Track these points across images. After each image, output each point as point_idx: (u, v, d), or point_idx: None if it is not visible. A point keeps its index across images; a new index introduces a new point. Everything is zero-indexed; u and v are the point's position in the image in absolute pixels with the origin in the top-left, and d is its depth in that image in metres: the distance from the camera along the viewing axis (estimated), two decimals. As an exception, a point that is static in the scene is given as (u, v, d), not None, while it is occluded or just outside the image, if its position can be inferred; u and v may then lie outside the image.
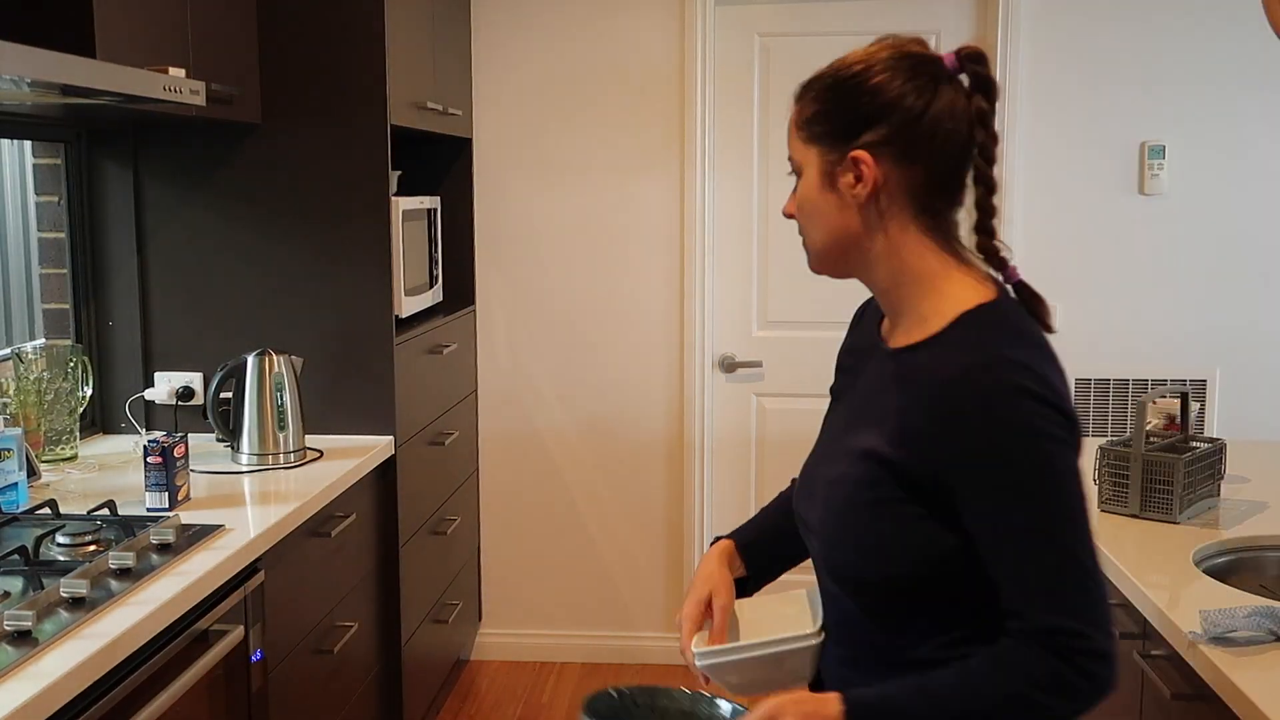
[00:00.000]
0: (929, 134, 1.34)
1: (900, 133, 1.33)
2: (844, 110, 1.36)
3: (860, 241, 1.39)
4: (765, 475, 4.05)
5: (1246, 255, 3.77)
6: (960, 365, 1.29)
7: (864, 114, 1.34)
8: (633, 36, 3.81)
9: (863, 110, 1.35)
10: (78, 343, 2.98)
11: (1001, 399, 1.27)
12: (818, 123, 1.38)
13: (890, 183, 1.35)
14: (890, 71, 1.36)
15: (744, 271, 3.97)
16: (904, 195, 1.36)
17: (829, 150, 1.37)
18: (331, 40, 2.91)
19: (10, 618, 1.65)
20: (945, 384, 1.30)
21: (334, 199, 2.96)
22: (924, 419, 1.31)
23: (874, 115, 1.34)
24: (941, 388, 1.30)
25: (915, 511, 1.32)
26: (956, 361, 1.30)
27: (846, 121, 1.35)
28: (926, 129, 1.34)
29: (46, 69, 1.87)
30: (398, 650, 3.12)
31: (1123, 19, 3.70)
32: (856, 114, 1.35)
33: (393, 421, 3.02)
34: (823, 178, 1.38)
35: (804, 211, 1.42)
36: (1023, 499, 1.28)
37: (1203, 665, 1.69)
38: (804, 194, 1.40)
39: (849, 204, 1.37)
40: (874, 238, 1.38)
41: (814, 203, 1.40)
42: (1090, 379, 3.85)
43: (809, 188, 1.40)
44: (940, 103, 1.34)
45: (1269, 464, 2.76)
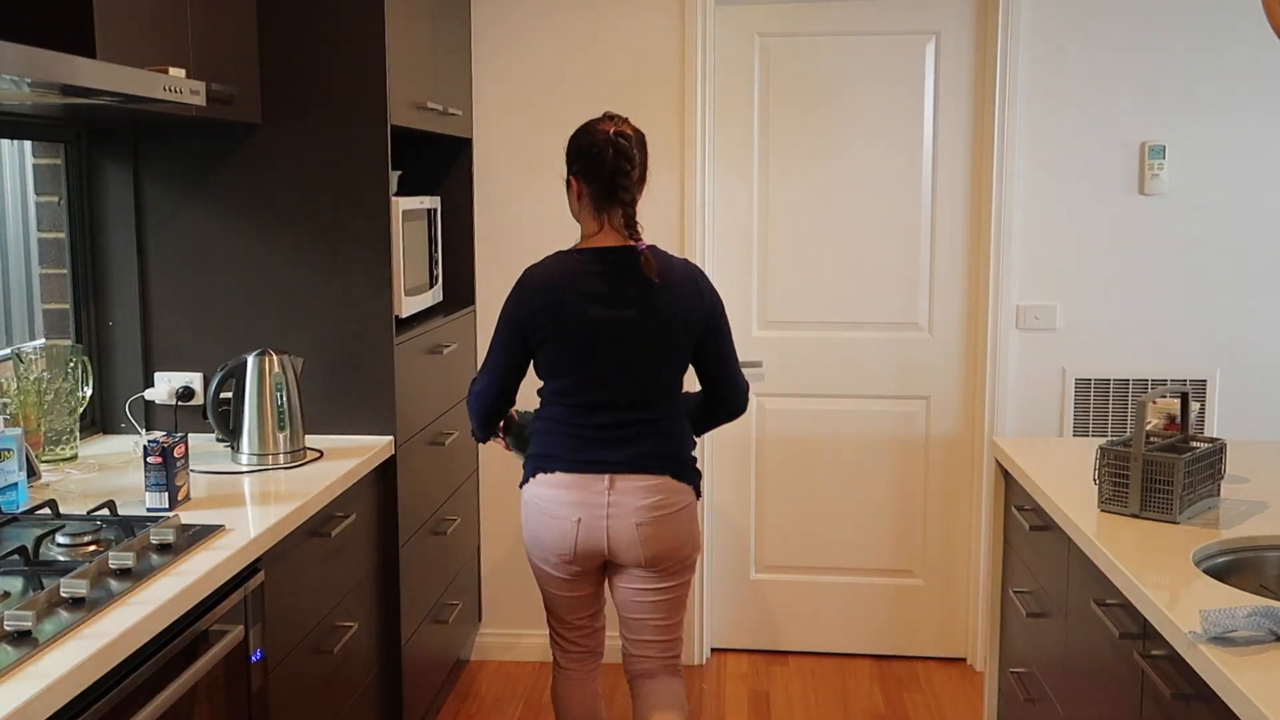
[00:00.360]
0: (597, 172, 2.60)
1: (584, 169, 2.62)
2: (569, 158, 2.66)
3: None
4: (765, 475, 4.06)
5: (1246, 255, 3.77)
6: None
7: (572, 154, 2.65)
8: (633, 37, 3.81)
9: (572, 152, 2.65)
10: (78, 343, 2.98)
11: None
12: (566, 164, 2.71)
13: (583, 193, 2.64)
14: (584, 137, 2.64)
15: (744, 271, 3.97)
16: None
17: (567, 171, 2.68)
18: (331, 40, 2.91)
19: (10, 618, 1.65)
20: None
21: (334, 199, 2.96)
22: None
23: (575, 156, 2.63)
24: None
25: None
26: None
27: (568, 159, 2.67)
28: (594, 170, 2.61)
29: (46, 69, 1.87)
30: (398, 650, 3.12)
31: (1123, 19, 3.70)
32: (569, 155, 2.65)
33: (393, 421, 3.03)
34: (566, 184, 2.68)
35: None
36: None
37: (1203, 665, 1.69)
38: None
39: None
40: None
41: (569, 203, 2.71)
42: (1090, 379, 3.85)
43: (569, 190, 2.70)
44: (605, 159, 2.58)
45: (1269, 464, 2.76)
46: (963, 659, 4.08)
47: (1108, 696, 2.19)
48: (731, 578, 4.12)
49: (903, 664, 4.07)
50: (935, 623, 4.08)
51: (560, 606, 2.76)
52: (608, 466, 2.58)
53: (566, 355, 2.57)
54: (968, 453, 3.98)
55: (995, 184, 3.77)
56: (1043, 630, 2.66)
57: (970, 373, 3.94)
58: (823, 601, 4.11)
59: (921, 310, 3.93)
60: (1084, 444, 3.00)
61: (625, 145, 2.56)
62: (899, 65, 3.82)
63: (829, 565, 4.09)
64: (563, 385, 2.60)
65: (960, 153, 3.85)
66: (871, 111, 3.85)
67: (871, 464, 4.02)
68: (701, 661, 4.08)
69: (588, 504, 2.58)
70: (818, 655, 4.13)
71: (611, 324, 2.55)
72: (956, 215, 3.88)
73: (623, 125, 2.59)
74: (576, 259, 2.59)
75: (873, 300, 3.94)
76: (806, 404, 4.03)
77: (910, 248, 3.90)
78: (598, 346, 2.56)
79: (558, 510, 2.60)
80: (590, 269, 2.57)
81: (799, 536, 4.08)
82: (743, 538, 4.11)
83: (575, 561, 2.64)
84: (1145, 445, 2.34)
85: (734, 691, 3.87)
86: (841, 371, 3.98)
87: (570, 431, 2.60)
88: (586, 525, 2.59)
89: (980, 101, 3.81)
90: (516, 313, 2.59)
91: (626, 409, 2.60)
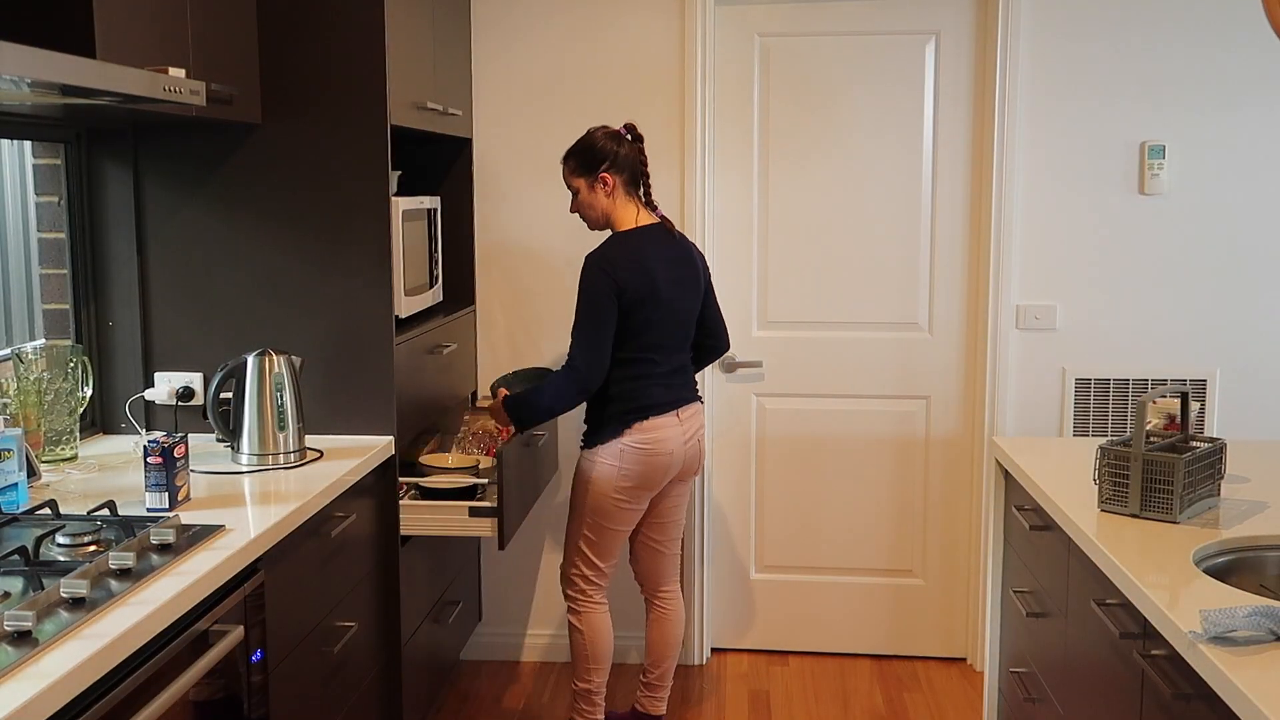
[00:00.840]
0: (624, 161, 3.15)
1: (614, 162, 3.14)
2: (587, 161, 3.16)
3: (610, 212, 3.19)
4: (765, 475, 4.06)
5: (1246, 255, 3.77)
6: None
7: (597, 157, 3.15)
8: (633, 36, 3.81)
9: (595, 156, 3.15)
10: (78, 343, 2.98)
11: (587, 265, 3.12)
12: (578, 168, 3.17)
13: (616, 184, 3.16)
14: (604, 139, 3.16)
15: (744, 271, 3.97)
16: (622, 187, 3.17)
17: (586, 178, 3.17)
18: (331, 40, 2.91)
19: (10, 618, 1.65)
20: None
21: (334, 199, 2.96)
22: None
23: (602, 157, 3.14)
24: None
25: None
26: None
27: (590, 162, 3.16)
28: (622, 160, 3.15)
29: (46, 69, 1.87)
30: (397, 650, 3.12)
31: (1123, 19, 3.70)
32: (594, 159, 3.16)
33: (393, 421, 3.03)
34: (589, 187, 3.17)
35: (584, 205, 3.20)
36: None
37: (1203, 665, 1.69)
38: (581, 199, 3.19)
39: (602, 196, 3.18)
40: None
41: (587, 201, 3.18)
42: (1090, 379, 3.85)
43: (584, 195, 3.18)
44: (624, 149, 3.15)
45: (1269, 464, 2.76)
46: (963, 659, 4.08)
47: (1108, 696, 2.19)
48: (731, 578, 4.12)
49: (903, 664, 4.07)
50: (935, 623, 4.08)
51: (615, 543, 3.26)
52: (676, 403, 3.20)
53: (651, 314, 3.10)
54: (968, 453, 3.98)
55: (995, 184, 3.77)
56: (1043, 630, 2.66)
57: (970, 373, 3.94)
58: (823, 601, 4.11)
59: (921, 310, 3.93)
60: (1084, 444, 3.00)
61: (639, 133, 3.20)
62: (899, 65, 3.82)
63: (829, 565, 4.09)
64: (647, 341, 3.13)
65: (960, 153, 3.85)
66: (871, 111, 3.85)
67: (871, 464, 4.02)
68: (701, 661, 4.08)
69: (677, 438, 3.19)
70: (818, 655, 4.13)
71: (679, 283, 3.17)
72: (956, 215, 3.88)
73: (626, 124, 3.22)
74: (643, 236, 3.15)
75: (873, 300, 3.94)
76: (806, 404, 4.02)
77: (910, 248, 3.90)
78: (667, 303, 3.13)
79: (661, 448, 3.16)
80: (654, 242, 3.15)
81: (799, 536, 4.08)
82: (743, 538, 4.10)
83: (660, 487, 3.24)
84: (1145, 445, 2.34)
85: (734, 691, 3.87)
86: (841, 371, 3.99)
87: (657, 381, 3.16)
88: (677, 455, 3.20)
89: (980, 101, 3.81)
90: (613, 284, 3.05)
91: (680, 353, 3.24)
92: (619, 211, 3.16)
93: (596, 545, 3.24)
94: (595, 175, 3.13)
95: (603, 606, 3.32)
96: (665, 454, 3.17)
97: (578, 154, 3.16)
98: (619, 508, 3.19)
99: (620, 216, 3.16)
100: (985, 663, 3.17)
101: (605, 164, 3.12)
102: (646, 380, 3.15)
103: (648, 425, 3.14)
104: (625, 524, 3.24)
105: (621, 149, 3.13)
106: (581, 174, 3.16)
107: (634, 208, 3.17)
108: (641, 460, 3.14)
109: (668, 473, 3.20)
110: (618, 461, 3.14)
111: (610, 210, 3.16)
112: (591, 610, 3.30)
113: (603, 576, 3.29)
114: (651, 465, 3.16)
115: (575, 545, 3.27)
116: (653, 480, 3.19)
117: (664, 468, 3.18)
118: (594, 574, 3.28)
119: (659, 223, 3.19)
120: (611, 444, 3.14)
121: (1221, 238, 3.77)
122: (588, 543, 3.24)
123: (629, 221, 3.15)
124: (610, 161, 3.12)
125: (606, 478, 3.16)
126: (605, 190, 3.14)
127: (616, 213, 3.16)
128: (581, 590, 3.30)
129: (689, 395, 3.26)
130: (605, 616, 3.33)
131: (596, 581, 3.29)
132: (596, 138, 3.15)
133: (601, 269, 3.07)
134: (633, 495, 3.18)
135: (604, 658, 3.34)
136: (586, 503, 3.20)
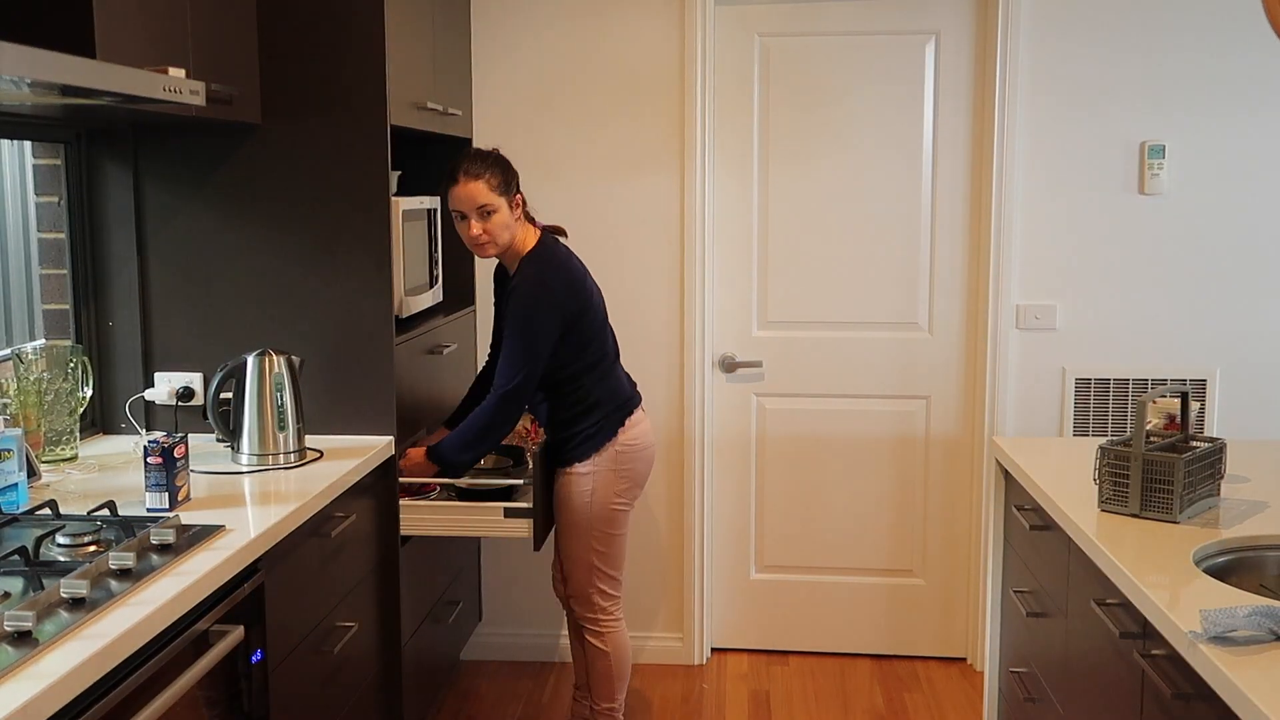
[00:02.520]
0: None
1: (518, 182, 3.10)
2: (509, 178, 3.06)
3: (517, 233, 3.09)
4: (765, 475, 4.06)
5: (1246, 255, 3.77)
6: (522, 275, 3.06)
7: (514, 179, 3.08)
8: (633, 36, 3.81)
9: (513, 178, 3.08)
10: (78, 343, 2.98)
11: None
12: (501, 185, 3.04)
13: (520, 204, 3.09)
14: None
15: (744, 271, 3.97)
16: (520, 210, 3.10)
17: (507, 196, 3.04)
18: (331, 40, 2.91)
19: (10, 618, 1.65)
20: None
21: (334, 199, 2.96)
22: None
23: (515, 176, 3.09)
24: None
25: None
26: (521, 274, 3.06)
27: (512, 180, 3.07)
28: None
29: (46, 69, 1.87)
30: (398, 650, 3.12)
31: (1123, 19, 3.70)
32: (514, 177, 3.08)
33: (393, 421, 3.03)
34: (510, 206, 3.04)
35: (500, 226, 3.03)
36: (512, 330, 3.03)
37: (1203, 665, 1.69)
38: (500, 219, 3.02)
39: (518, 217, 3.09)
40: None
41: (505, 221, 3.03)
42: (1090, 379, 3.85)
43: (504, 215, 3.03)
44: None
45: (1269, 464, 2.76)
46: (963, 659, 4.08)
47: (1108, 696, 2.19)
48: (731, 578, 4.12)
49: (903, 664, 4.07)
50: (935, 623, 4.08)
51: (624, 547, 3.22)
52: (637, 398, 3.24)
53: (598, 319, 3.13)
54: (968, 453, 3.98)
55: (995, 184, 3.77)
56: (1043, 630, 2.66)
57: (970, 372, 3.94)
58: (823, 601, 4.11)
59: (921, 310, 3.93)
60: (1084, 444, 3.00)
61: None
62: (899, 65, 3.82)
63: (829, 565, 4.09)
64: (598, 347, 3.12)
65: (960, 153, 3.85)
66: (871, 111, 3.85)
67: (871, 464, 4.02)
68: (701, 661, 4.08)
69: (650, 430, 3.24)
70: (818, 655, 4.13)
71: (598, 289, 3.18)
72: (956, 215, 3.88)
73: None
74: (565, 245, 3.17)
75: (873, 300, 3.94)
76: (806, 404, 4.02)
77: (910, 248, 3.90)
78: (603, 308, 3.17)
79: (646, 440, 3.20)
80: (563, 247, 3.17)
81: (799, 536, 4.08)
82: (743, 538, 4.10)
83: (645, 484, 3.27)
84: (1145, 445, 2.34)
85: (734, 691, 3.87)
86: (841, 371, 3.99)
87: (620, 378, 3.20)
88: (654, 448, 3.26)
89: (980, 101, 3.81)
90: (569, 303, 3.04)
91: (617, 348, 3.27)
92: (522, 232, 3.08)
93: (608, 557, 3.18)
94: (513, 195, 3.05)
95: (622, 623, 3.26)
96: (649, 446, 3.21)
97: (503, 168, 3.04)
98: (620, 511, 3.16)
99: (524, 237, 3.08)
100: (985, 663, 3.17)
101: (517, 182, 3.08)
102: (615, 379, 3.18)
103: (631, 421, 3.15)
104: (625, 527, 3.21)
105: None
106: (504, 192, 3.02)
107: (527, 225, 3.11)
108: (635, 457, 3.15)
109: (651, 466, 3.23)
110: (614, 465, 3.11)
111: (517, 231, 3.06)
112: (615, 630, 3.23)
113: (619, 587, 3.24)
114: (644, 459, 3.18)
115: (587, 565, 3.16)
116: (644, 476, 3.21)
117: (650, 460, 3.22)
118: (611, 587, 3.21)
119: (549, 230, 3.17)
120: (607, 448, 3.10)
121: (1221, 238, 3.77)
122: (600, 557, 3.16)
123: (530, 240, 3.08)
124: (517, 181, 3.09)
125: (605, 485, 3.12)
126: (518, 211, 3.07)
127: (520, 233, 3.07)
128: (603, 609, 3.21)
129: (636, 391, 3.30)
130: (626, 632, 3.28)
131: (614, 594, 3.23)
132: (503, 155, 3.09)
133: (561, 284, 3.03)
134: (630, 495, 3.18)
135: (629, 674, 3.29)
136: (590, 517, 3.12)
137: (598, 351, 3.12)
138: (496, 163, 3.04)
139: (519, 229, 3.07)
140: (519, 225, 3.07)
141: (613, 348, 3.21)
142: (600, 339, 3.13)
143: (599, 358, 3.12)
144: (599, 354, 3.13)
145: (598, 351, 3.12)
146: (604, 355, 3.14)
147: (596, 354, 3.12)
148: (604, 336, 3.16)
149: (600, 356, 3.13)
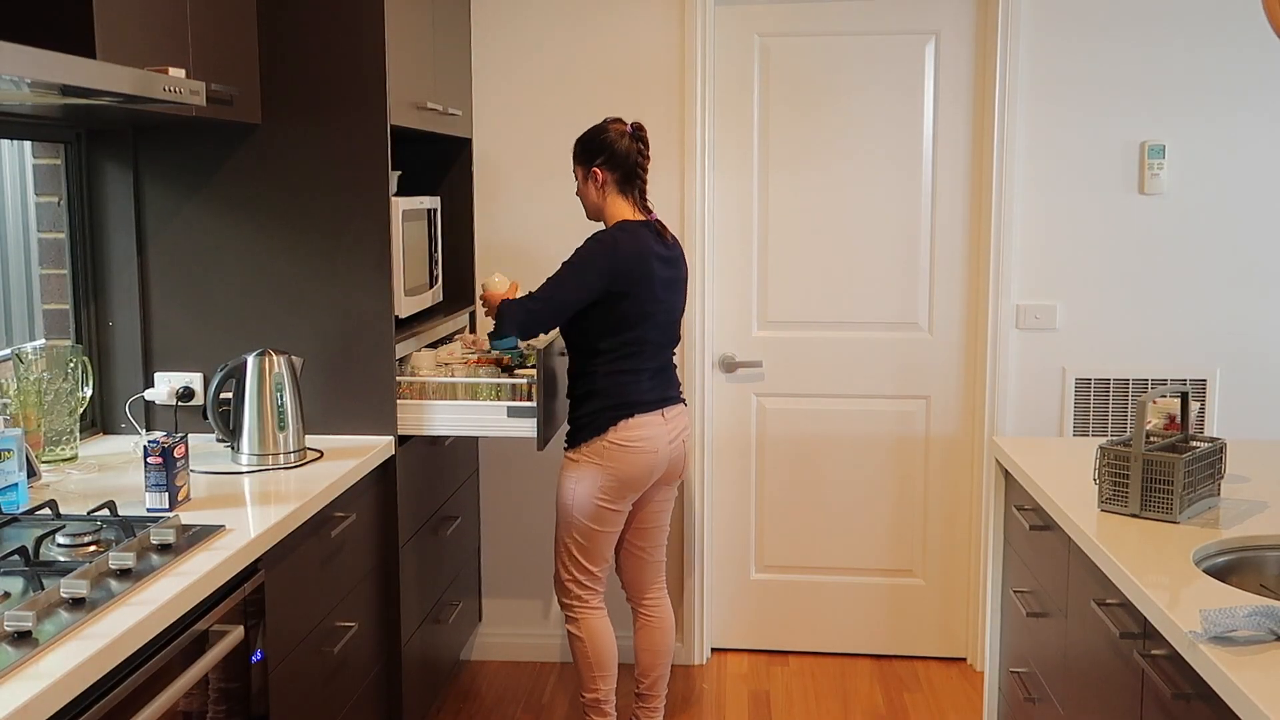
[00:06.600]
0: (620, 158, 3.12)
1: (609, 158, 3.12)
2: (583, 152, 3.17)
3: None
4: (765, 475, 4.06)
5: (1246, 255, 3.77)
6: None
7: (594, 150, 3.14)
8: (633, 36, 3.81)
9: (594, 148, 3.14)
10: (78, 343, 2.98)
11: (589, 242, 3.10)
12: (576, 156, 3.17)
13: (607, 180, 3.14)
14: (607, 133, 3.13)
15: (744, 271, 3.97)
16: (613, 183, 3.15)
17: (580, 168, 3.17)
18: (331, 40, 2.91)
19: (10, 618, 1.65)
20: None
21: (334, 199, 2.96)
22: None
23: (599, 150, 3.13)
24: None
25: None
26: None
27: (587, 153, 3.15)
28: (619, 156, 3.12)
29: (46, 69, 1.87)
30: (398, 650, 3.12)
31: (1123, 19, 3.70)
32: (592, 151, 3.15)
33: (393, 421, 3.03)
34: (583, 177, 3.17)
35: (581, 193, 3.20)
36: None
37: (1203, 665, 1.69)
38: (579, 187, 3.19)
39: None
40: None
41: (580, 189, 3.18)
42: (1090, 379, 3.85)
43: (580, 184, 3.18)
44: (623, 146, 3.11)
45: (1269, 464, 2.76)
46: (963, 659, 4.08)
47: (1108, 696, 2.19)
48: (731, 578, 4.12)
49: (903, 664, 4.07)
50: (935, 623, 4.08)
51: (606, 546, 3.21)
52: (663, 402, 3.16)
53: (645, 308, 3.07)
54: (968, 453, 3.98)
55: (995, 184, 3.77)
56: (1043, 630, 2.66)
57: (970, 372, 3.94)
58: (823, 601, 4.11)
59: (921, 310, 3.93)
60: (1084, 444, 3.00)
61: (644, 135, 3.15)
62: (899, 65, 3.82)
63: (829, 565, 4.09)
64: (632, 336, 3.09)
65: (960, 152, 3.85)
66: (871, 111, 3.85)
67: (871, 464, 4.02)
68: (701, 661, 4.08)
69: (662, 437, 3.14)
70: (818, 655, 4.13)
71: (671, 284, 3.15)
72: (956, 215, 3.88)
73: (634, 122, 3.18)
74: (642, 228, 3.11)
75: (873, 300, 3.94)
76: (806, 404, 4.02)
77: (910, 248, 3.90)
78: (662, 300, 3.11)
79: (646, 446, 3.10)
80: (650, 236, 3.12)
81: (799, 536, 4.08)
82: (743, 538, 4.10)
83: (643, 489, 3.18)
84: (1145, 445, 2.34)
85: (734, 691, 3.87)
86: (841, 371, 3.98)
87: (644, 378, 3.12)
88: (662, 455, 3.15)
89: (980, 101, 3.81)
90: (609, 264, 3.03)
91: (666, 351, 3.21)
92: (609, 208, 3.13)
93: (586, 549, 3.18)
94: (589, 167, 3.13)
95: (600, 611, 3.26)
96: (650, 452, 3.11)
97: (582, 141, 3.16)
98: (604, 509, 3.13)
99: (611, 213, 3.13)
100: (985, 663, 3.17)
101: (600, 158, 3.10)
102: (633, 376, 3.10)
103: (633, 423, 3.08)
104: (612, 525, 3.17)
105: (620, 145, 3.10)
106: (579, 162, 3.16)
107: (627, 206, 3.13)
108: (625, 458, 3.08)
109: (652, 473, 3.14)
110: (600, 460, 3.08)
111: (600, 205, 3.15)
112: (589, 616, 3.24)
113: (596, 580, 3.23)
114: (635, 464, 3.09)
115: (565, 551, 3.21)
116: (637, 480, 3.12)
117: (648, 466, 3.12)
118: (587, 579, 3.22)
119: (650, 220, 3.15)
120: (595, 442, 3.08)
121: (1221, 238, 3.77)
122: (578, 547, 3.18)
123: (615, 216, 3.13)
124: (605, 157, 3.10)
125: (590, 478, 3.10)
126: (595, 184, 3.12)
127: (607, 208, 3.14)
128: (577, 596, 3.23)
129: (674, 395, 3.21)
130: (605, 621, 3.26)
131: (591, 586, 3.23)
132: (601, 129, 3.13)
133: (604, 246, 3.05)
134: (617, 496, 3.12)
135: (608, 664, 3.27)
136: (572, 506, 3.14)
137: (623, 344, 3.07)
138: (580, 137, 3.16)
139: (606, 204, 3.14)
140: (606, 201, 3.13)
141: (650, 352, 3.12)
142: (634, 335, 3.07)
143: (620, 350, 3.08)
144: (622, 347, 3.07)
145: (623, 344, 3.07)
146: (629, 352, 3.08)
147: (620, 345, 3.07)
148: (640, 334, 3.08)
149: (622, 350, 3.08)
